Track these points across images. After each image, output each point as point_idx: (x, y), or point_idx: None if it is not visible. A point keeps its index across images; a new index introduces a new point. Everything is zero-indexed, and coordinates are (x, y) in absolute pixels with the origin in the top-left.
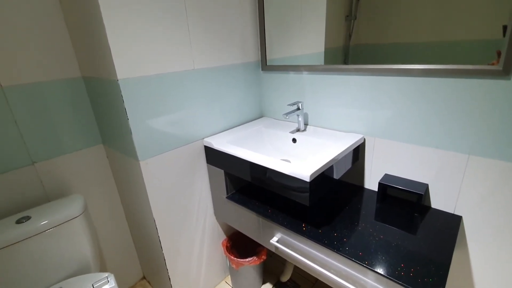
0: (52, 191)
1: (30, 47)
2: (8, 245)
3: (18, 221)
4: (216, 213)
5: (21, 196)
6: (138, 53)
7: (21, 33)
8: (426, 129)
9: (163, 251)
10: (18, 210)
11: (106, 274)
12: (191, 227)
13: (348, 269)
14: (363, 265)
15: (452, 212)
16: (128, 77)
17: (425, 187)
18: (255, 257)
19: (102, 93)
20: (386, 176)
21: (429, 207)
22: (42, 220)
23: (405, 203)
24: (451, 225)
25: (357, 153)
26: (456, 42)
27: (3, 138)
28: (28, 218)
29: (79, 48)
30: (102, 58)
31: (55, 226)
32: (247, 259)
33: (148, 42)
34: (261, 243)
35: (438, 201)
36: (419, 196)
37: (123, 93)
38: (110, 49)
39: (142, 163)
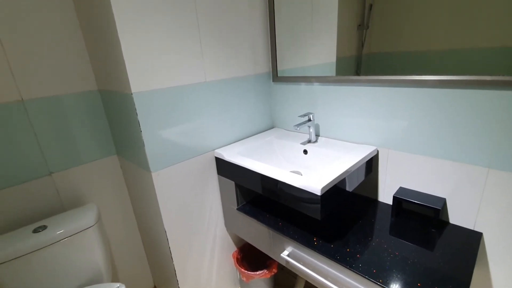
0: (67, 200)
1: (50, 62)
2: (25, 254)
3: (35, 231)
4: (227, 224)
5: (38, 206)
6: (152, 67)
7: (42, 49)
8: (442, 141)
9: (174, 262)
10: (35, 219)
11: (117, 285)
12: (201, 238)
13: (361, 287)
14: (377, 283)
15: (472, 228)
16: (141, 90)
17: (443, 201)
18: (265, 270)
19: (117, 105)
20: (401, 189)
21: (447, 222)
22: (58, 229)
23: (421, 218)
24: (470, 242)
25: (370, 165)
26: (473, 50)
27: (24, 150)
28: (44, 227)
29: (96, 62)
30: (117, 73)
31: (70, 236)
32: (257, 272)
33: (161, 57)
34: (272, 256)
35: (456, 217)
36: (437, 211)
37: (136, 106)
38: (125, 64)
39: (154, 174)
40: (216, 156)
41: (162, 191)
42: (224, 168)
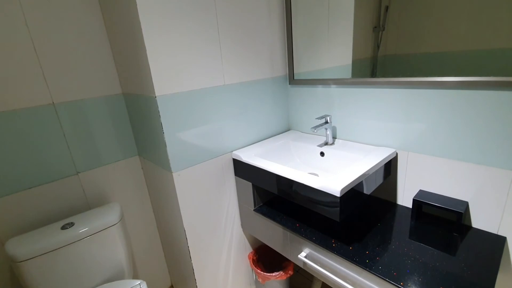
0: (92, 199)
1: (78, 68)
2: (55, 249)
3: (63, 227)
4: (243, 225)
5: (66, 204)
6: (174, 71)
7: (71, 55)
8: (463, 144)
9: (192, 261)
10: (63, 216)
11: (138, 281)
12: (219, 238)
13: None
14: (398, 286)
15: (496, 233)
16: (164, 93)
17: (465, 205)
18: (281, 272)
19: (140, 108)
20: (421, 192)
21: (469, 226)
22: (84, 226)
23: (442, 221)
24: (494, 246)
25: (389, 167)
26: (495, 50)
27: (54, 150)
28: (72, 224)
29: (121, 68)
30: (142, 76)
31: (96, 233)
32: (273, 274)
33: (183, 61)
34: (288, 258)
35: (479, 221)
36: (459, 215)
37: (160, 108)
38: (149, 68)
39: (175, 175)
40: (233, 157)
41: (182, 191)
42: (242, 169)
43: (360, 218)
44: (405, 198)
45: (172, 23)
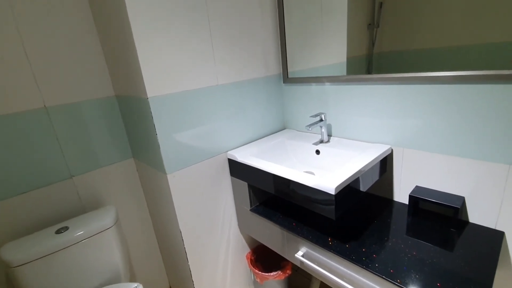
0: (87, 202)
1: (70, 71)
2: (48, 254)
3: (58, 231)
4: (240, 225)
5: (60, 208)
6: (166, 72)
7: (63, 58)
8: (460, 139)
9: (189, 262)
10: (57, 220)
11: (135, 284)
12: (215, 239)
13: None
14: (395, 284)
15: (493, 228)
16: (156, 95)
17: (462, 200)
18: (279, 272)
19: (133, 110)
20: (417, 188)
21: (466, 221)
22: (79, 230)
23: (439, 217)
24: (492, 241)
25: (385, 164)
26: (489, 44)
27: (47, 154)
28: (66, 228)
29: (113, 70)
30: (134, 78)
31: (91, 236)
32: (271, 274)
33: (175, 62)
34: (286, 257)
35: (477, 216)
36: (456, 210)
37: (152, 110)
38: (140, 69)
39: (169, 176)
40: (229, 157)
41: (177, 192)
42: (237, 169)
43: (357, 216)
44: (401, 194)
45: (162, 24)
